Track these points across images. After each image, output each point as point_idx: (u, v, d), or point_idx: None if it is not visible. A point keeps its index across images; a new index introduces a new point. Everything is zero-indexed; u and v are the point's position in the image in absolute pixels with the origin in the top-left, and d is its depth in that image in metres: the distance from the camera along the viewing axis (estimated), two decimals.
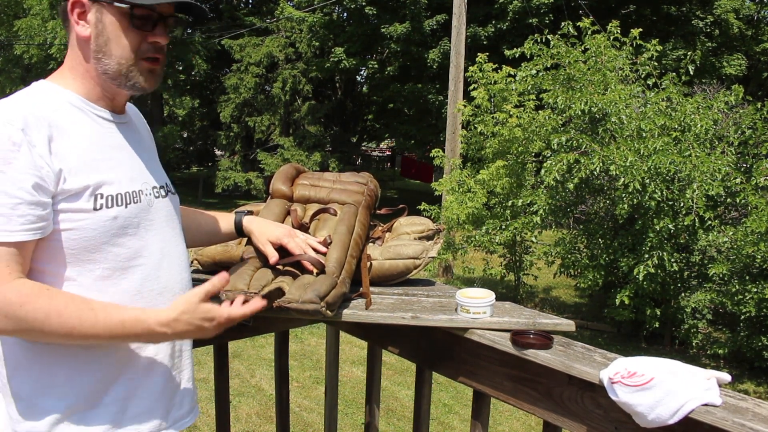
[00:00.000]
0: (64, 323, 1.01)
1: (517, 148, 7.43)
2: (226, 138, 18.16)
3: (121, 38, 1.12)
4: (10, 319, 0.99)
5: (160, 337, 1.11)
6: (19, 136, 1.02)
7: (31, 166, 1.02)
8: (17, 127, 1.02)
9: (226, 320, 1.13)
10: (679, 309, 6.49)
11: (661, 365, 1.11)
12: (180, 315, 1.09)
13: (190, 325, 1.10)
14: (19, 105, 1.07)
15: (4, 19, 17.37)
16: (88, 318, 1.03)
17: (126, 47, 1.13)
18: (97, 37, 1.13)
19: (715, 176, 5.56)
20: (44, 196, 1.03)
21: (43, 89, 1.14)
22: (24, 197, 1.01)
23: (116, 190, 1.12)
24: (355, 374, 5.30)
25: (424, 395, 1.63)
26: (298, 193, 1.73)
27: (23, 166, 1.01)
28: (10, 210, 1.00)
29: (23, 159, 1.01)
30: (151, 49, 1.15)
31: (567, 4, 12.63)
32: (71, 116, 1.12)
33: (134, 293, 1.15)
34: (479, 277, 8.88)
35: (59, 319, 1.01)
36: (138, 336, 1.09)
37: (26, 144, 1.02)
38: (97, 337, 1.05)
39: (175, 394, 1.25)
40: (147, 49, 1.14)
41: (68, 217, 1.07)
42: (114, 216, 1.11)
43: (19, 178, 1.00)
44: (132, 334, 1.08)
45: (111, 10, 1.11)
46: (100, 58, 1.13)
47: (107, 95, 1.18)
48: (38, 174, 1.02)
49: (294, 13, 16.42)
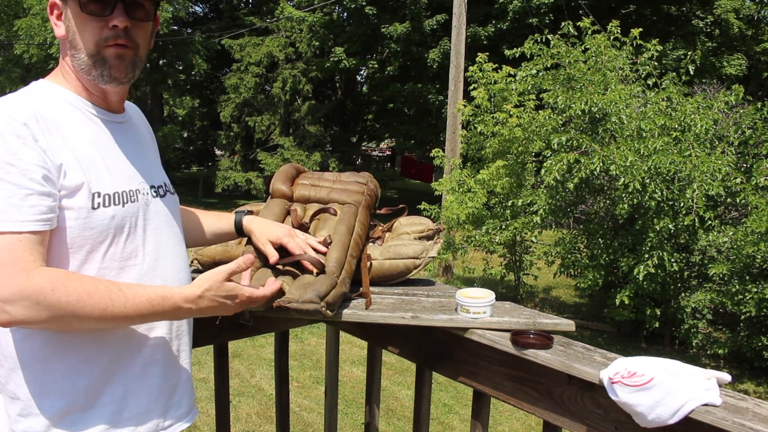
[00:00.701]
0: (96, 305, 1.01)
1: (517, 148, 7.43)
2: (226, 138, 18.17)
3: (83, 29, 1.11)
4: (44, 306, 0.98)
5: (185, 313, 1.13)
6: (24, 130, 1.02)
7: (38, 158, 1.02)
8: (20, 122, 1.03)
9: (248, 299, 1.16)
10: (679, 309, 6.49)
11: (661, 365, 1.11)
12: (204, 292, 1.11)
13: (214, 301, 1.12)
14: (20, 102, 1.07)
15: (4, 19, 17.36)
16: (118, 298, 1.03)
17: (90, 36, 1.11)
18: (68, 34, 1.13)
19: (715, 176, 5.55)
20: (52, 188, 1.04)
21: (42, 88, 1.15)
22: (35, 188, 1.01)
23: (113, 189, 1.12)
24: (355, 374, 5.30)
25: (424, 395, 1.63)
26: (298, 193, 1.73)
27: (31, 158, 1.02)
28: (20, 201, 1.00)
29: (30, 152, 1.02)
30: (113, 34, 1.11)
31: (567, 4, 12.63)
32: (69, 115, 1.12)
33: None
34: (479, 277, 8.88)
35: (91, 300, 1.01)
36: (164, 313, 1.10)
37: (30, 138, 1.03)
38: (127, 318, 1.06)
39: (173, 395, 1.24)
40: (109, 35, 1.11)
41: (67, 215, 1.07)
42: (112, 215, 1.11)
43: (29, 169, 1.01)
44: (159, 312, 1.09)
45: (71, 4, 1.11)
46: (74, 55, 1.13)
47: (96, 94, 1.18)
48: (44, 166, 1.03)
49: (294, 12, 16.42)
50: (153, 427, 1.20)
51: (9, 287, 0.97)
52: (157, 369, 1.20)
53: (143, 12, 1.15)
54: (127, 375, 1.15)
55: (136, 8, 1.13)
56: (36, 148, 1.03)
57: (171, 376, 1.24)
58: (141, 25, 1.15)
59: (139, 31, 1.15)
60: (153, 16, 1.18)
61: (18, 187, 1.00)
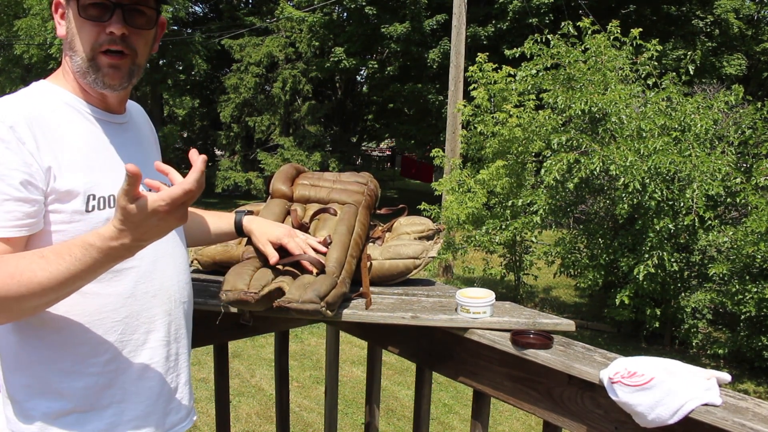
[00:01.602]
0: (21, 282, 0.95)
1: (517, 148, 7.43)
2: (226, 138, 18.17)
3: (81, 31, 1.09)
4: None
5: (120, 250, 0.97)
6: (8, 134, 1.01)
7: (19, 162, 1.00)
8: (6, 124, 1.01)
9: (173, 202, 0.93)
10: (679, 309, 6.49)
11: (661, 365, 1.11)
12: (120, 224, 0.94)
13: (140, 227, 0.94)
14: (13, 103, 1.06)
15: (4, 19, 17.36)
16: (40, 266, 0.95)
17: (87, 41, 1.09)
18: (67, 34, 1.13)
19: (715, 176, 5.55)
20: (34, 193, 1.02)
21: (42, 89, 1.14)
22: (11, 193, 1.00)
23: (109, 191, 1.11)
24: (355, 374, 5.30)
25: (424, 395, 1.63)
26: (298, 193, 1.73)
27: (11, 162, 1.00)
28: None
29: (11, 155, 1.00)
30: (108, 40, 1.09)
31: (567, 4, 12.63)
32: (67, 116, 1.12)
33: (127, 296, 1.14)
34: (479, 277, 8.88)
35: (13, 280, 0.95)
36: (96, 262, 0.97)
37: (15, 141, 1.01)
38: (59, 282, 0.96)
39: (172, 399, 1.24)
40: (104, 40, 1.09)
41: (60, 218, 1.06)
42: (106, 218, 1.09)
43: (7, 174, 1.00)
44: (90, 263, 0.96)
45: (72, 5, 1.10)
46: (72, 56, 1.13)
47: (95, 95, 1.16)
48: (27, 171, 1.01)
49: (294, 13, 16.42)
50: (153, 430, 1.19)
51: None
52: (154, 374, 1.19)
53: (144, 19, 1.12)
54: (126, 378, 1.15)
55: (135, 15, 1.11)
56: (20, 151, 1.01)
57: (169, 381, 1.23)
58: (140, 33, 1.13)
59: (138, 38, 1.13)
60: (154, 23, 1.16)
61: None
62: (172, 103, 21.75)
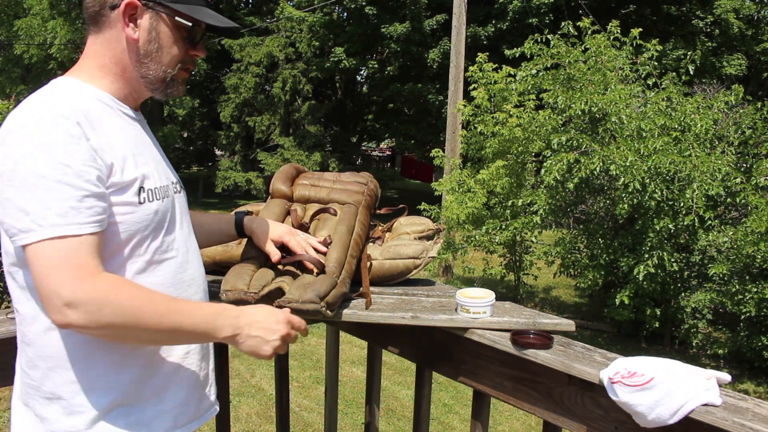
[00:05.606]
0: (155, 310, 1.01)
1: (517, 148, 7.43)
2: (226, 138, 18.17)
3: (172, 48, 1.16)
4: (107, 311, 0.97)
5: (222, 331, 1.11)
6: (76, 129, 1.01)
7: (91, 158, 1.02)
8: (72, 120, 1.01)
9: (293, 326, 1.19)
10: (679, 309, 6.49)
11: (661, 365, 1.11)
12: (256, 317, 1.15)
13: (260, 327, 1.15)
14: (65, 99, 1.06)
15: (4, 19, 17.37)
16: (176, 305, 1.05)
17: (175, 57, 1.17)
18: (148, 43, 1.14)
19: (715, 176, 5.55)
20: (104, 188, 1.04)
21: (73, 86, 1.12)
22: (91, 189, 1.00)
23: (154, 183, 1.14)
24: (355, 374, 5.30)
25: (424, 395, 1.63)
26: (298, 193, 1.73)
27: (85, 158, 1.01)
28: (78, 203, 0.99)
29: (84, 152, 1.01)
30: (190, 60, 1.20)
31: (567, 4, 12.64)
32: (105, 112, 1.12)
33: (168, 285, 1.16)
34: (479, 277, 8.88)
35: (151, 305, 1.01)
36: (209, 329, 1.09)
37: (83, 137, 1.02)
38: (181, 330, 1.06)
39: (205, 385, 1.27)
40: (189, 60, 1.20)
41: (117, 211, 1.07)
42: (155, 209, 1.12)
43: (84, 170, 1.00)
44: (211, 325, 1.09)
45: (168, 21, 1.14)
46: (146, 63, 1.14)
47: (133, 96, 1.19)
48: (96, 166, 1.02)
49: (294, 12, 16.42)
50: (192, 416, 1.22)
51: (73, 291, 0.96)
52: (194, 359, 1.22)
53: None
54: (167, 367, 1.16)
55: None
56: (88, 147, 1.02)
57: (204, 366, 1.26)
58: None
59: None
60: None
61: (75, 189, 0.99)
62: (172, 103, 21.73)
